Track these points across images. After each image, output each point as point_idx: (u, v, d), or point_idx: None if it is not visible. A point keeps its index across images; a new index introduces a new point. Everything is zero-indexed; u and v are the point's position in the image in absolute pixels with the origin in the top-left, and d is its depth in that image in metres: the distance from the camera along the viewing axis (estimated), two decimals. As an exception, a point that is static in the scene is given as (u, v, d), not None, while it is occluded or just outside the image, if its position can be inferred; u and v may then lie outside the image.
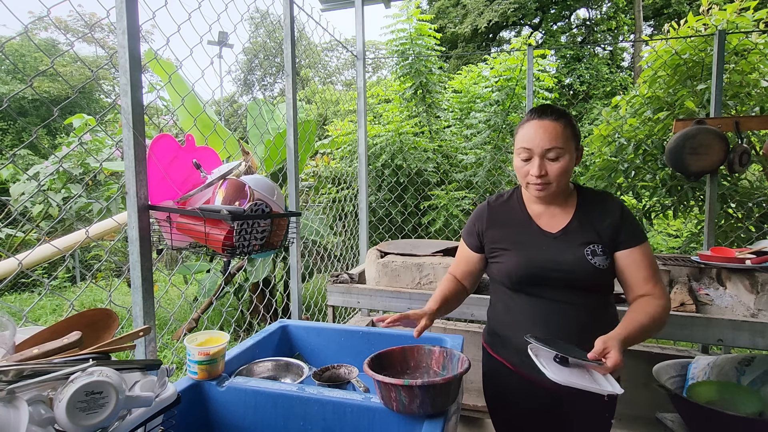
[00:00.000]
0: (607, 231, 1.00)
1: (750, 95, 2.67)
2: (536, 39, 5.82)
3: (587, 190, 1.09)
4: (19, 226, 4.48)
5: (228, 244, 1.06)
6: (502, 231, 1.10)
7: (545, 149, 0.97)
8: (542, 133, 0.97)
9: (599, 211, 1.03)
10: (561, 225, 1.04)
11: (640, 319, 0.93)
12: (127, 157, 0.98)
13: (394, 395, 0.82)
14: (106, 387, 0.54)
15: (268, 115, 3.12)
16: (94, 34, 1.84)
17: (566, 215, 1.05)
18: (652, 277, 0.99)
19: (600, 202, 1.05)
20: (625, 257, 1.00)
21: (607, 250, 0.99)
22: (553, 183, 0.99)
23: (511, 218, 1.10)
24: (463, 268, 1.19)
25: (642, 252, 0.99)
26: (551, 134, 0.97)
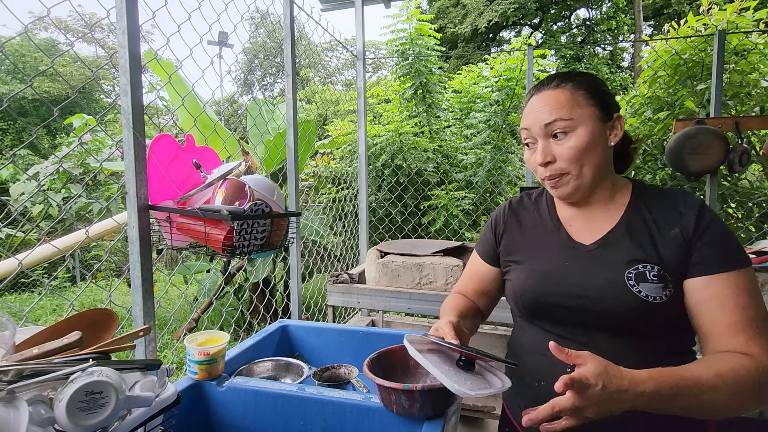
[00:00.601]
0: (671, 246, 0.68)
1: (750, 95, 2.67)
2: (536, 39, 5.83)
3: (650, 187, 0.77)
4: (19, 226, 4.48)
5: (228, 244, 1.06)
6: (520, 237, 0.84)
7: (545, 125, 0.71)
8: (540, 106, 0.73)
9: (664, 216, 0.71)
10: (599, 234, 0.74)
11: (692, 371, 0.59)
12: (127, 157, 0.98)
13: (394, 398, 0.82)
14: (106, 387, 0.54)
15: (268, 115, 3.12)
16: (94, 34, 1.85)
17: (610, 220, 0.74)
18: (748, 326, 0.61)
19: (668, 204, 0.72)
20: (700, 290, 0.65)
21: (669, 274, 0.66)
22: (569, 170, 0.71)
23: (535, 222, 0.83)
24: (473, 285, 0.91)
25: (731, 283, 0.63)
26: (552, 104, 0.71)
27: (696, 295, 0.66)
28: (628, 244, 0.71)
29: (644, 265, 0.68)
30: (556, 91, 0.73)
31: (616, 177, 0.78)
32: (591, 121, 0.71)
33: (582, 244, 0.75)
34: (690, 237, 0.68)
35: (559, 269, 0.75)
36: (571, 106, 0.71)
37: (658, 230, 0.70)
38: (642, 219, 0.72)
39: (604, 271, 0.70)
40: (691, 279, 0.67)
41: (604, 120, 0.72)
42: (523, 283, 0.78)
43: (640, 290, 0.66)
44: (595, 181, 0.74)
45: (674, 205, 0.72)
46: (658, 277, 0.67)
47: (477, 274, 0.92)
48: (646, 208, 0.73)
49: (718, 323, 0.63)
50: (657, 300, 0.66)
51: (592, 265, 0.72)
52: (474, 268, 0.93)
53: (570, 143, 0.71)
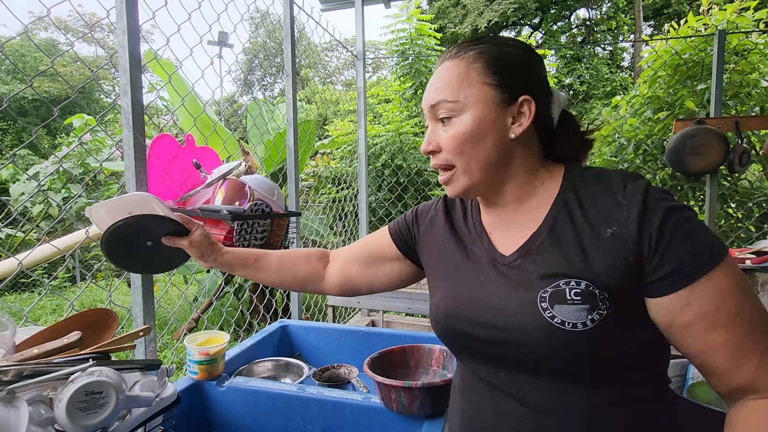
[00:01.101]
0: (607, 251, 0.50)
1: (750, 95, 2.67)
2: (536, 39, 5.84)
3: (586, 171, 0.58)
4: (19, 226, 4.48)
5: (228, 244, 1.06)
6: (441, 244, 0.67)
7: (430, 106, 0.59)
8: (432, 81, 0.60)
9: (598, 210, 0.53)
10: (520, 241, 0.58)
11: None
12: (127, 157, 0.98)
13: (394, 396, 0.82)
14: (106, 387, 0.54)
15: (268, 115, 3.12)
16: (94, 34, 1.85)
17: (532, 222, 0.58)
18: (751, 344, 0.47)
19: (602, 193, 0.54)
20: (679, 310, 0.48)
21: (602, 291, 0.49)
22: (455, 164, 0.58)
23: (460, 227, 0.67)
24: (361, 252, 0.78)
25: (715, 288, 0.47)
26: (441, 80, 0.58)
27: (673, 316, 0.48)
28: (549, 252, 0.54)
29: (566, 281, 0.50)
30: (451, 62, 0.58)
31: (542, 167, 0.60)
32: (481, 105, 0.55)
33: (502, 255, 0.59)
34: (636, 238, 0.49)
35: (472, 289, 0.59)
36: (460, 84, 0.56)
37: (590, 230, 0.52)
38: (569, 217, 0.54)
39: (517, 291, 0.54)
40: (661, 298, 0.49)
41: (504, 104, 0.56)
42: (436, 305, 0.63)
43: (553, 315, 0.50)
44: (489, 178, 0.58)
45: (610, 193, 0.53)
46: (583, 295, 0.49)
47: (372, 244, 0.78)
48: (577, 202, 0.55)
49: (716, 350, 0.47)
50: (578, 327, 0.48)
51: (506, 283, 0.56)
52: (372, 239, 0.79)
53: (451, 131, 0.57)
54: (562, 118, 0.62)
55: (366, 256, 0.78)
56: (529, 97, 0.56)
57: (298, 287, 0.84)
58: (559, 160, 0.61)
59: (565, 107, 0.62)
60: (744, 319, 0.47)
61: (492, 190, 0.60)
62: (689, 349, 0.49)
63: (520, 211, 0.60)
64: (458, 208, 0.70)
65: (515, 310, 0.53)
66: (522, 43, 0.60)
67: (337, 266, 0.81)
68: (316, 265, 0.83)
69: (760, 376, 0.46)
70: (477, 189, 0.60)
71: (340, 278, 0.81)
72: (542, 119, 0.58)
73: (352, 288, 0.80)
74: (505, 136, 0.56)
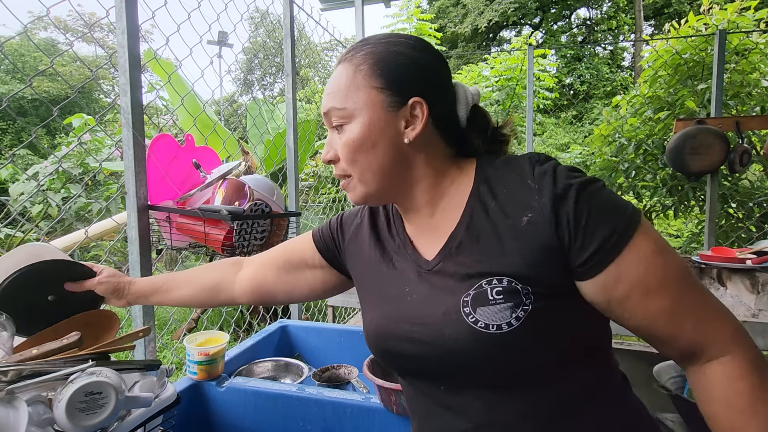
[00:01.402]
0: (525, 241, 0.48)
1: (750, 95, 2.67)
2: (537, 39, 5.83)
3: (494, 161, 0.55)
4: (18, 226, 4.48)
5: (228, 244, 1.06)
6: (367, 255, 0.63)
7: (323, 114, 0.56)
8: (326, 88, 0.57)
9: (511, 198, 0.50)
10: (439, 244, 0.55)
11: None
12: (126, 157, 0.98)
13: (394, 399, 0.81)
14: (106, 387, 0.54)
15: (268, 114, 3.12)
16: (93, 34, 1.83)
17: (450, 222, 0.54)
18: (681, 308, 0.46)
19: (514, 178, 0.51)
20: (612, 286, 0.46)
21: (525, 285, 0.47)
22: (351, 174, 0.55)
23: (385, 237, 0.63)
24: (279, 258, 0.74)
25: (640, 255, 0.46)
26: (332, 86, 0.55)
27: (608, 294, 0.47)
28: (468, 251, 0.51)
29: (488, 280, 0.48)
30: (341, 66, 0.55)
31: (452, 165, 0.57)
32: (369, 111, 0.52)
33: (426, 261, 0.55)
34: (553, 222, 0.46)
35: (399, 304, 0.55)
36: (348, 89, 0.53)
37: (506, 220, 0.49)
38: (485, 211, 0.51)
39: (441, 300, 0.51)
40: (593, 279, 0.46)
41: (393, 108, 0.52)
42: (367, 325, 0.60)
43: (476, 319, 0.47)
44: (388, 186, 0.55)
45: (521, 179, 0.50)
46: (506, 293, 0.46)
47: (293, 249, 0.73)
48: (490, 193, 0.52)
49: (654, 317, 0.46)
50: (503, 328, 0.45)
51: (430, 291, 0.53)
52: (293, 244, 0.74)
53: (343, 139, 0.54)
54: (473, 115, 0.58)
55: (285, 260, 0.73)
56: (421, 99, 0.52)
57: (208, 299, 0.77)
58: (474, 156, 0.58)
59: (477, 102, 0.59)
60: (671, 279, 0.46)
61: (399, 196, 0.57)
62: (631, 322, 0.48)
63: (436, 213, 0.56)
64: (382, 216, 0.65)
65: (439, 321, 0.50)
66: (415, 40, 0.56)
67: (250, 271, 0.76)
68: (226, 270, 0.77)
69: (700, 335, 0.46)
70: (378, 197, 0.57)
71: (253, 283, 0.75)
72: (443, 119, 0.55)
73: (265, 294, 0.75)
74: (399, 141, 0.53)
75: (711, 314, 0.47)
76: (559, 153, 6.97)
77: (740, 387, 0.44)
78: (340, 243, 0.69)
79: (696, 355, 0.47)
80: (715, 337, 0.46)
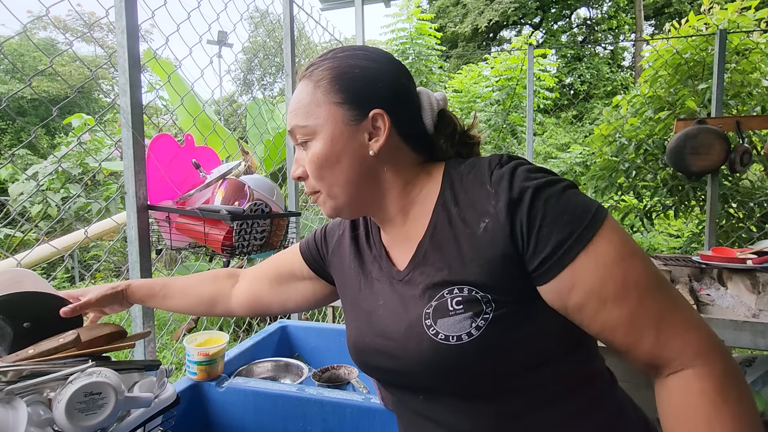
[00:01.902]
0: (483, 248, 0.47)
1: (751, 95, 2.67)
2: (537, 38, 5.83)
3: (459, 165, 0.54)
4: (17, 226, 4.47)
5: (227, 244, 1.06)
6: (348, 266, 0.64)
7: (288, 132, 0.57)
8: (289, 106, 0.57)
9: (471, 204, 0.49)
10: (409, 255, 0.55)
11: None
12: (126, 156, 0.97)
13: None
14: (105, 388, 0.54)
15: (268, 114, 3.12)
16: (93, 34, 1.84)
17: (418, 233, 0.54)
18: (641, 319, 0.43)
19: (475, 183, 0.50)
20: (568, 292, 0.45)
21: (485, 294, 0.46)
22: (319, 190, 0.55)
23: (362, 247, 0.63)
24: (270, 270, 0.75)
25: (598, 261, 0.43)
26: (293, 104, 0.55)
27: (563, 301, 0.45)
28: (432, 261, 0.50)
29: (449, 290, 0.47)
30: (302, 83, 0.55)
31: (421, 171, 0.56)
32: (331, 126, 0.52)
33: (398, 271, 0.55)
34: (508, 228, 0.45)
35: (373, 316, 0.55)
36: (308, 106, 0.53)
37: (465, 228, 0.48)
38: (448, 218, 0.51)
39: (406, 312, 0.51)
40: (547, 284, 0.45)
41: (355, 121, 0.52)
42: (348, 338, 0.60)
43: (437, 331, 0.46)
44: (358, 199, 0.55)
45: (481, 184, 0.49)
46: (465, 302, 0.46)
47: (282, 261, 0.74)
48: (453, 200, 0.51)
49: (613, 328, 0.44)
50: (463, 339, 0.45)
51: (399, 303, 0.53)
52: (282, 256, 0.75)
53: (308, 156, 0.54)
54: (439, 120, 0.58)
55: (276, 273, 0.74)
56: (381, 110, 0.52)
57: (204, 310, 0.78)
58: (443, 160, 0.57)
59: (443, 107, 0.58)
60: (632, 288, 0.43)
61: (370, 208, 0.57)
62: (590, 330, 0.46)
63: (407, 222, 0.56)
64: (362, 226, 0.65)
65: (404, 334, 0.50)
66: (374, 52, 0.56)
67: (245, 285, 0.77)
68: (222, 284, 0.78)
69: (661, 347, 0.43)
70: (348, 210, 0.57)
71: (249, 297, 0.75)
72: (408, 128, 0.55)
73: (261, 306, 0.75)
74: (364, 154, 0.53)
75: (676, 326, 0.43)
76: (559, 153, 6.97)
77: (698, 403, 0.41)
78: (324, 254, 0.69)
79: (658, 368, 0.45)
80: (677, 349, 0.43)
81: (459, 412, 0.50)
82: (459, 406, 0.50)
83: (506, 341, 0.45)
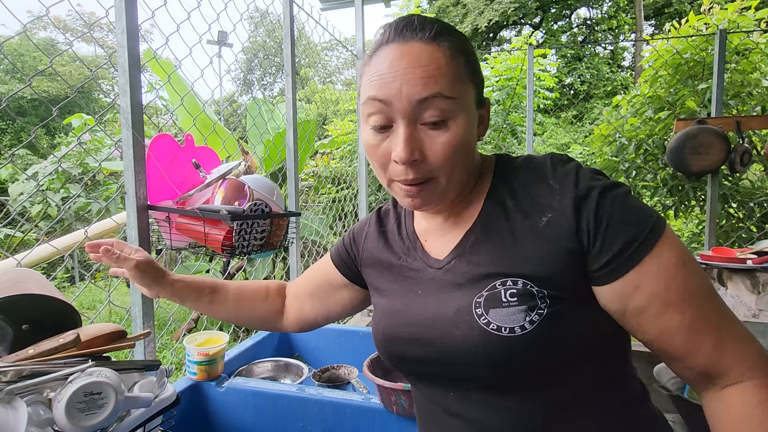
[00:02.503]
0: (543, 242, 0.46)
1: (751, 95, 2.67)
2: (537, 38, 5.84)
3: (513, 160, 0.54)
4: (17, 226, 4.47)
5: (227, 244, 1.06)
6: (377, 261, 0.62)
7: (419, 101, 0.46)
8: (408, 66, 0.46)
9: (531, 198, 0.49)
10: (454, 243, 0.53)
11: None
12: (126, 156, 0.97)
13: (394, 399, 0.81)
14: (105, 388, 0.54)
15: (268, 114, 3.11)
16: (93, 34, 1.83)
17: (466, 221, 0.53)
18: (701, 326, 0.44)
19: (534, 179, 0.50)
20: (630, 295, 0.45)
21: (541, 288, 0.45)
22: (437, 175, 0.49)
23: (394, 237, 0.62)
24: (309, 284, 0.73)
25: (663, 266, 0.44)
26: (428, 66, 0.46)
27: (624, 303, 0.45)
28: (483, 251, 0.49)
29: (502, 281, 0.46)
30: (431, 46, 0.46)
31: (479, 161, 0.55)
32: (470, 107, 0.49)
33: (436, 260, 0.54)
34: (573, 224, 0.45)
35: (408, 306, 0.54)
36: (453, 78, 0.46)
37: (524, 220, 0.48)
38: (502, 210, 0.50)
39: (452, 299, 0.49)
40: (609, 285, 0.45)
41: (478, 105, 0.51)
42: (376, 327, 0.58)
43: (488, 321, 0.45)
44: (462, 187, 0.52)
45: (542, 179, 0.49)
46: (520, 296, 0.45)
47: (318, 274, 0.72)
48: (509, 192, 0.51)
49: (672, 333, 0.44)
50: (516, 332, 0.44)
51: (440, 291, 0.51)
52: (318, 267, 0.73)
53: (446, 137, 0.47)
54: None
55: (314, 287, 0.73)
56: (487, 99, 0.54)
57: (256, 324, 0.77)
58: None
59: None
60: (693, 294, 0.44)
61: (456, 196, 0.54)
62: (646, 335, 0.46)
63: (455, 210, 0.55)
64: (392, 218, 0.64)
65: (449, 321, 0.48)
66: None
67: (292, 303, 0.76)
68: (275, 304, 0.76)
69: (720, 356, 0.43)
70: (450, 199, 0.53)
71: (297, 315, 0.75)
72: None
73: (308, 323, 0.75)
74: (475, 138, 0.52)
75: (733, 335, 0.44)
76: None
77: (759, 416, 0.42)
78: (355, 256, 0.67)
79: (713, 378, 0.45)
80: (735, 360, 0.43)
81: (488, 408, 0.49)
82: (489, 402, 0.49)
83: (556, 338, 0.45)
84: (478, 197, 0.54)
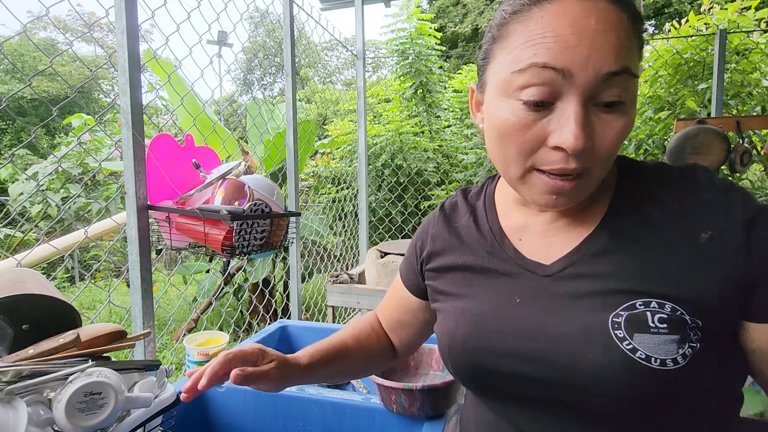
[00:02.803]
0: (701, 263, 0.40)
1: (751, 95, 2.67)
2: (536, 38, 5.83)
3: (645, 164, 0.47)
4: (17, 226, 4.47)
5: (227, 244, 1.06)
6: (451, 258, 0.54)
7: (605, 75, 0.37)
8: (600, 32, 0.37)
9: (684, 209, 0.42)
10: (566, 248, 0.46)
11: None
12: (126, 156, 0.97)
13: (394, 398, 0.81)
14: (105, 388, 0.54)
15: (268, 114, 3.12)
16: (93, 34, 1.84)
17: (583, 225, 0.46)
18: None
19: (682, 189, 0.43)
20: None
21: (694, 317, 0.39)
22: (594, 171, 0.42)
23: (470, 234, 0.54)
24: (392, 312, 0.67)
25: None
26: (619, 36, 0.38)
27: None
28: (616, 262, 0.42)
29: (645, 301, 0.39)
30: (616, 6, 0.38)
31: None
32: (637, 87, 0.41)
33: (540, 265, 0.46)
34: (744, 247, 0.39)
35: (502, 313, 0.46)
36: (637, 50, 0.39)
37: (675, 234, 0.41)
38: (641, 217, 0.43)
39: (575, 313, 0.42)
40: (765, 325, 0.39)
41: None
42: (451, 333, 0.50)
43: (633, 347, 0.38)
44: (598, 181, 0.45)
45: (696, 188, 0.42)
46: (670, 322, 0.38)
47: (397, 299, 0.66)
48: (647, 198, 0.43)
49: None
50: (668, 365, 0.38)
51: (555, 301, 0.44)
52: (395, 292, 0.67)
53: (620, 123, 0.40)
54: None
55: (399, 317, 0.67)
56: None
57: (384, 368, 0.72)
58: None
59: None
60: None
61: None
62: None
63: (570, 208, 0.46)
64: (463, 212, 0.56)
65: (577, 339, 0.41)
66: None
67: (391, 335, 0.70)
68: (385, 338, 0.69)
69: None
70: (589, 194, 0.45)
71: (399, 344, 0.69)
72: None
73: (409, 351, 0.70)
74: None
75: None
76: (559, 153, 6.96)
77: None
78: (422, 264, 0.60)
79: None
80: None
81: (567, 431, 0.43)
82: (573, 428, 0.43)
83: (702, 379, 0.39)
84: (601, 198, 0.46)
